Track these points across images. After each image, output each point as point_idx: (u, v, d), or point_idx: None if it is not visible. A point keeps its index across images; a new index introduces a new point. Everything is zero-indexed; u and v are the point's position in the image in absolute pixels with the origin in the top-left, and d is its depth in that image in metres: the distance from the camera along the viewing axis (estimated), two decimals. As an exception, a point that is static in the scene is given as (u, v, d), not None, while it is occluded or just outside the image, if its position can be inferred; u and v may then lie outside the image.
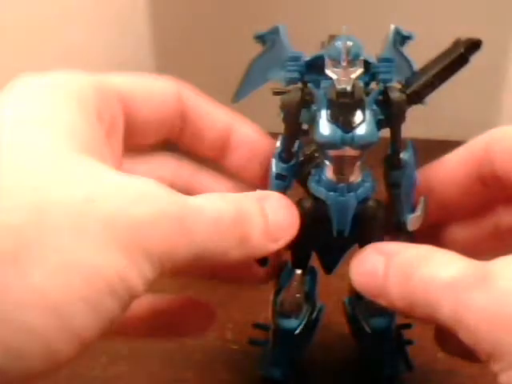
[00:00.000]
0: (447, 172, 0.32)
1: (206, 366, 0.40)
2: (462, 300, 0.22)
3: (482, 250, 0.33)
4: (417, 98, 0.34)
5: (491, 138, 0.31)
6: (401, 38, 0.34)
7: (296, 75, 0.33)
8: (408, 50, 0.34)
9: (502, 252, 0.24)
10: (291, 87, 0.34)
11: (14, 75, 0.29)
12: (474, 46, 0.33)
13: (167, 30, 0.75)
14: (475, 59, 0.73)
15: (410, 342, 0.38)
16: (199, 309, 0.34)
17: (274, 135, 0.35)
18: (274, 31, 0.37)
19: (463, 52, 0.33)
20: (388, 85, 0.31)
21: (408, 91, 0.33)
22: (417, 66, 0.34)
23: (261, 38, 0.38)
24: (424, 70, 0.34)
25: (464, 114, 0.73)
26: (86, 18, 0.72)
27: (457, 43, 0.34)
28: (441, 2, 0.69)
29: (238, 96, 0.43)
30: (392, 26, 0.34)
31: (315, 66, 0.33)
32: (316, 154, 0.35)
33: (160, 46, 0.77)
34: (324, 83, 0.31)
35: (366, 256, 0.30)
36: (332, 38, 0.35)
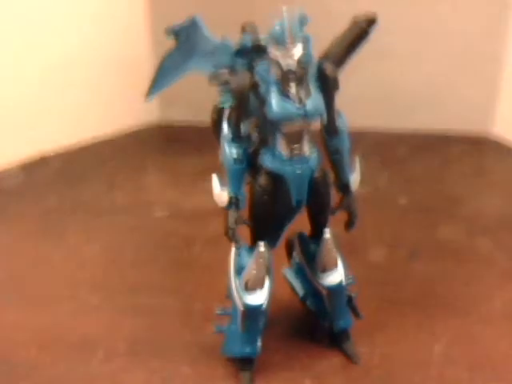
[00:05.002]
0: None
1: (204, 361, 0.40)
2: None
3: None
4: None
5: None
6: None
7: (229, 61, 0.35)
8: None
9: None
10: (224, 71, 0.35)
11: (13, 73, 0.25)
12: (372, 21, 0.38)
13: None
14: (476, 55, 0.75)
15: (352, 296, 0.41)
16: None
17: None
18: (191, 23, 0.37)
19: (365, 27, 0.37)
20: (320, 61, 0.34)
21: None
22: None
23: (174, 33, 0.39)
24: (334, 46, 0.38)
25: (464, 107, 0.78)
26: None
27: (356, 20, 0.38)
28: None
29: (150, 93, 0.42)
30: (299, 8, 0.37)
31: (243, 52, 0.35)
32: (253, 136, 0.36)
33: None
34: (261, 65, 0.33)
35: None
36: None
